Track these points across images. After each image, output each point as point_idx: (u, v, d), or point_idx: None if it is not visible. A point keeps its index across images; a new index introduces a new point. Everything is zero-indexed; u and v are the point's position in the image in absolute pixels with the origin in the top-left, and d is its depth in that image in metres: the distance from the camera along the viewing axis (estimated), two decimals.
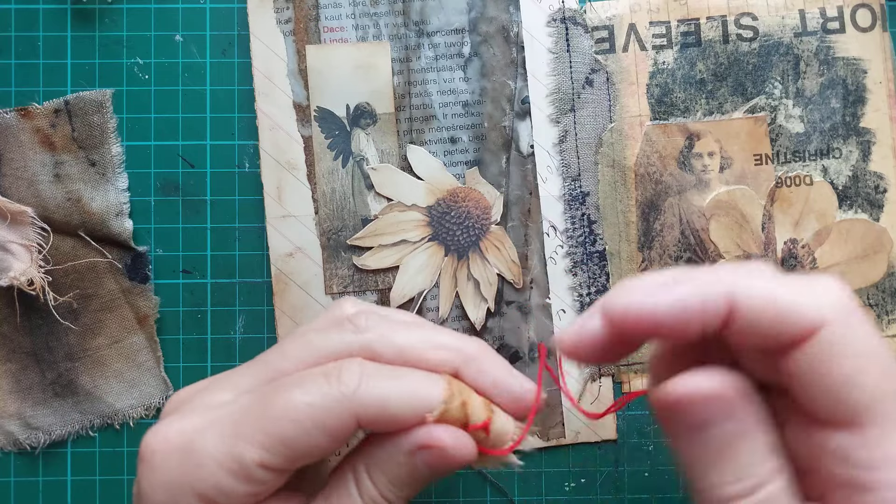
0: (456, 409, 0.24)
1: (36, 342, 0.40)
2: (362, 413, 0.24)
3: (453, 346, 0.26)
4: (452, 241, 0.41)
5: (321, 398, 0.24)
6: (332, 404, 0.23)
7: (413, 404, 0.24)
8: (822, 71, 0.41)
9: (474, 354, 0.26)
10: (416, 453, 0.25)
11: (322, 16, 0.41)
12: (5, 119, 0.40)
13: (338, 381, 0.24)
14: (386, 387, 0.24)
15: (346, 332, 0.26)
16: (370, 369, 0.25)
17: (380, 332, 0.26)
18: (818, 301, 0.21)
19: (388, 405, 0.24)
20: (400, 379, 0.25)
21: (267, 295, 0.41)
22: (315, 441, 0.24)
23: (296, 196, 0.40)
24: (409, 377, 0.25)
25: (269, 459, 0.24)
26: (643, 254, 0.41)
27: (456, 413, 0.24)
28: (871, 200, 0.41)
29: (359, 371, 0.24)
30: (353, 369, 0.24)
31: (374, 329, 0.26)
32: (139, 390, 0.41)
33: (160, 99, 0.41)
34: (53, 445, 0.41)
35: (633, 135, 0.41)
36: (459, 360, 0.26)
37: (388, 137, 0.41)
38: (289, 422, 0.23)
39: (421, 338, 0.26)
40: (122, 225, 0.40)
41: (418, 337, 0.26)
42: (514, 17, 0.41)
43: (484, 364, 0.26)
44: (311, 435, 0.23)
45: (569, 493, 0.41)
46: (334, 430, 0.24)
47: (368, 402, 0.24)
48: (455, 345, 0.26)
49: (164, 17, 0.41)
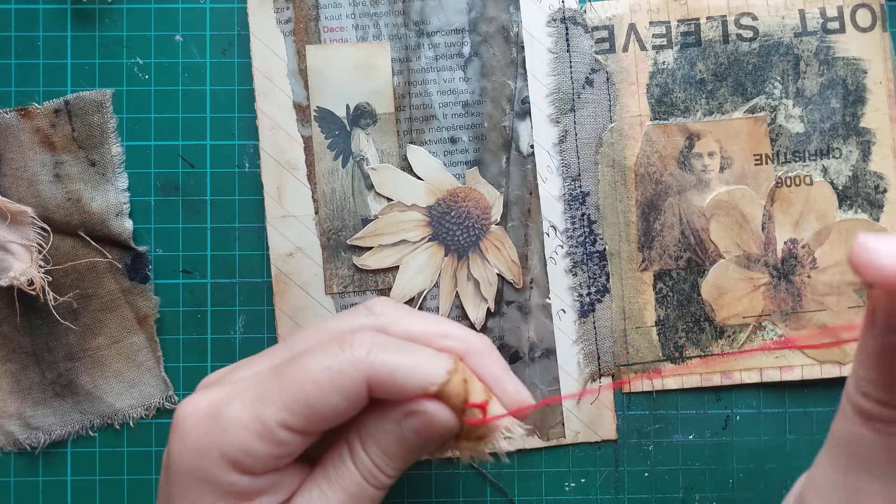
0: (457, 384, 0.26)
1: (36, 342, 0.40)
2: (372, 377, 0.25)
3: (461, 336, 0.28)
4: (452, 241, 0.41)
5: (336, 361, 0.25)
6: (346, 367, 0.25)
7: (419, 374, 0.26)
8: (822, 71, 0.41)
9: (479, 347, 0.28)
10: (403, 421, 0.26)
11: (322, 16, 0.41)
12: (5, 119, 0.40)
13: (351, 347, 0.26)
14: (395, 356, 0.26)
15: (361, 316, 0.29)
16: (382, 340, 0.26)
17: (393, 317, 0.28)
18: None
19: (396, 372, 0.26)
20: (409, 352, 0.26)
21: (267, 295, 0.41)
22: (332, 402, 0.25)
23: (296, 196, 0.40)
24: (417, 352, 0.27)
25: (291, 420, 0.25)
26: (643, 254, 0.41)
27: (457, 388, 0.26)
28: (871, 200, 0.41)
29: (370, 340, 0.26)
30: (366, 338, 0.26)
31: (388, 314, 0.28)
32: (139, 390, 0.41)
33: (160, 99, 0.41)
34: (53, 445, 0.41)
35: (633, 135, 0.41)
36: (464, 350, 0.28)
37: (388, 137, 0.41)
38: (308, 383, 0.25)
39: (431, 325, 0.28)
40: (122, 225, 0.40)
41: (428, 324, 0.28)
42: (514, 17, 0.41)
43: (486, 359, 0.28)
44: (327, 396, 0.25)
45: (569, 493, 0.41)
46: (349, 392, 0.25)
47: (378, 367, 0.25)
48: (463, 336, 0.28)
49: (164, 17, 0.41)
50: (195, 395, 0.27)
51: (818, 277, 0.41)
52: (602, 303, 0.41)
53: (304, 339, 0.29)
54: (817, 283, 0.41)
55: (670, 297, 0.41)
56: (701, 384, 0.41)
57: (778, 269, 0.41)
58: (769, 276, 0.41)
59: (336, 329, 0.28)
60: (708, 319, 0.41)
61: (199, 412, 0.26)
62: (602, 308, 0.41)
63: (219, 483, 0.26)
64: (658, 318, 0.41)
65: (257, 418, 0.25)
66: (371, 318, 0.28)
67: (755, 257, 0.41)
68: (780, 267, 0.41)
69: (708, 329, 0.41)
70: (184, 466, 0.26)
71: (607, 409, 0.41)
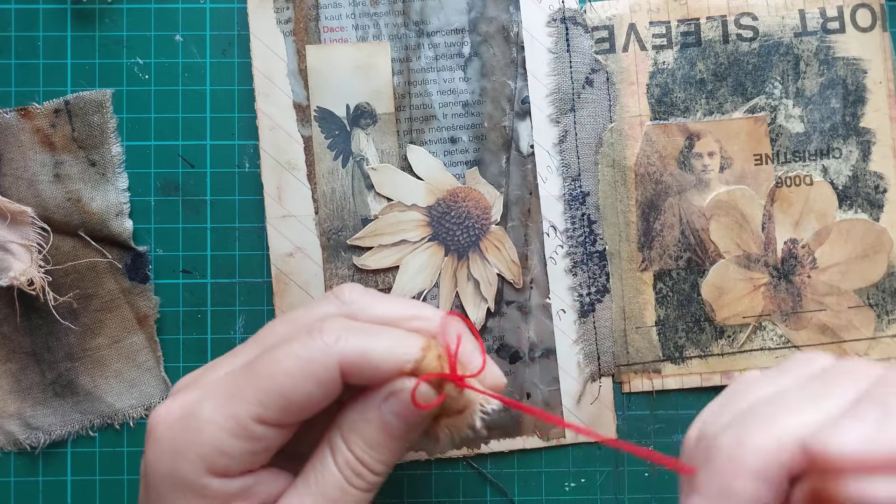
0: (433, 359, 0.26)
1: (36, 342, 0.40)
2: (345, 361, 0.25)
3: (432, 317, 0.28)
4: (452, 241, 0.41)
5: (307, 350, 0.25)
6: (318, 354, 0.25)
7: (393, 354, 0.26)
8: (822, 71, 0.41)
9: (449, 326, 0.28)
10: (384, 405, 0.26)
11: (322, 16, 0.41)
12: (5, 119, 0.40)
13: (320, 334, 0.26)
14: (366, 339, 0.26)
15: (330, 304, 0.28)
16: (351, 325, 0.26)
17: (361, 304, 0.28)
18: None
19: (368, 354, 0.25)
20: (380, 334, 0.26)
21: (267, 295, 0.41)
22: (305, 390, 0.25)
23: (296, 196, 0.40)
24: (388, 333, 0.27)
25: (265, 413, 0.25)
26: (643, 254, 0.41)
27: (433, 363, 0.26)
28: (871, 200, 0.41)
29: (340, 326, 0.26)
30: (334, 324, 0.26)
31: (357, 301, 0.28)
32: (139, 390, 0.41)
33: (160, 99, 0.41)
34: (53, 445, 0.41)
35: (633, 135, 0.41)
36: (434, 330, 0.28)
37: (388, 137, 0.41)
38: (280, 374, 0.25)
39: (401, 308, 0.28)
40: (122, 225, 0.40)
41: (398, 307, 0.28)
42: (514, 17, 0.41)
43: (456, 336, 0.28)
44: (300, 385, 0.25)
45: (569, 493, 0.41)
46: (322, 379, 0.25)
47: (350, 351, 0.25)
48: (434, 316, 0.28)
49: (164, 17, 0.41)
50: (168, 400, 0.27)
51: (818, 277, 0.41)
52: (602, 303, 0.41)
53: (272, 332, 0.28)
54: (817, 283, 0.41)
55: (670, 297, 0.41)
56: (701, 384, 0.41)
57: (778, 269, 0.41)
58: (769, 276, 0.41)
59: (304, 320, 0.28)
60: (708, 319, 0.41)
61: (172, 415, 0.26)
62: (602, 308, 0.41)
63: (194, 487, 0.25)
64: (658, 318, 0.41)
65: (231, 416, 0.25)
66: (340, 305, 0.28)
67: (755, 257, 0.41)
68: (780, 267, 0.41)
69: (708, 329, 0.41)
70: (160, 471, 0.26)
71: (607, 409, 0.41)
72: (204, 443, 0.25)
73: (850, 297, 0.41)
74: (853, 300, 0.41)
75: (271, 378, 0.25)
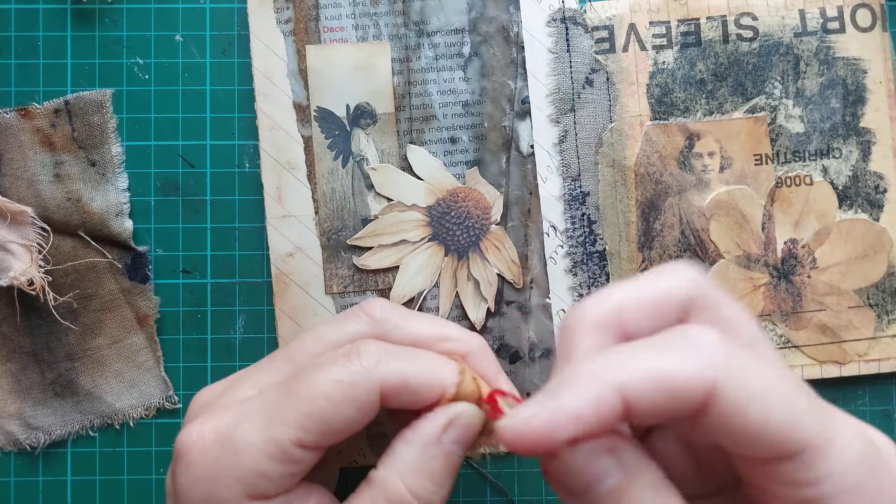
0: (469, 382, 0.26)
1: (36, 342, 0.40)
2: (385, 386, 0.25)
3: (461, 338, 0.28)
4: (452, 241, 0.41)
5: (348, 375, 0.25)
6: (359, 379, 0.25)
7: (431, 379, 0.26)
8: (822, 71, 0.41)
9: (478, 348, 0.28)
10: (443, 437, 0.26)
11: (322, 16, 0.41)
12: (5, 119, 0.40)
13: (358, 358, 0.25)
14: (404, 364, 0.26)
15: (361, 322, 0.28)
16: (388, 348, 0.26)
17: (394, 323, 0.28)
18: (701, 365, 0.21)
19: (408, 380, 0.25)
20: (417, 357, 0.26)
21: (267, 295, 0.41)
22: (346, 415, 0.25)
23: (296, 196, 0.40)
24: (424, 357, 0.27)
25: (305, 437, 0.25)
26: (643, 254, 0.41)
27: (470, 386, 0.26)
28: (871, 200, 0.41)
29: (376, 349, 0.26)
30: (371, 348, 0.26)
31: (388, 320, 0.28)
32: (139, 390, 0.41)
33: (160, 99, 0.41)
34: (53, 445, 0.41)
35: (633, 135, 0.41)
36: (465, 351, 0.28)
37: (388, 137, 0.41)
38: (320, 399, 0.25)
39: (432, 328, 0.28)
40: (122, 225, 0.40)
41: (429, 327, 0.28)
42: (514, 17, 0.41)
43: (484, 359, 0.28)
44: (341, 410, 0.25)
45: None
46: (363, 404, 0.25)
47: (389, 375, 0.25)
48: (463, 337, 0.28)
49: (164, 17, 0.41)
50: (197, 423, 0.26)
51: (818, 277, 0.41)
52: None
53: (302, 349, 0.28)
54: (817, 283, 0.41)
55: None
56: None
57: (778, 269, 0.41)
58: (769, 276, 0.41)
59: (336, 338, 0.28)
60: None
61: (206, 439, 0.26)
62: None
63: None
64: None
65: (270, 439, 0.25)
66: (370, 323, 0.28)
67: (755, 257, 0.41)
68: (780, 267, 0.41)
69: None
70: (195, 496, 0.25)
71: None
72: (243, 467, 0.25)
73: (850, 297, 0.41)
74: (853, 300, 0.41)
75: (311, 402, 0.25)
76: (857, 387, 0.41)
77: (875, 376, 0.41)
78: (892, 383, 0.41)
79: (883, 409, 0.41)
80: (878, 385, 0.41)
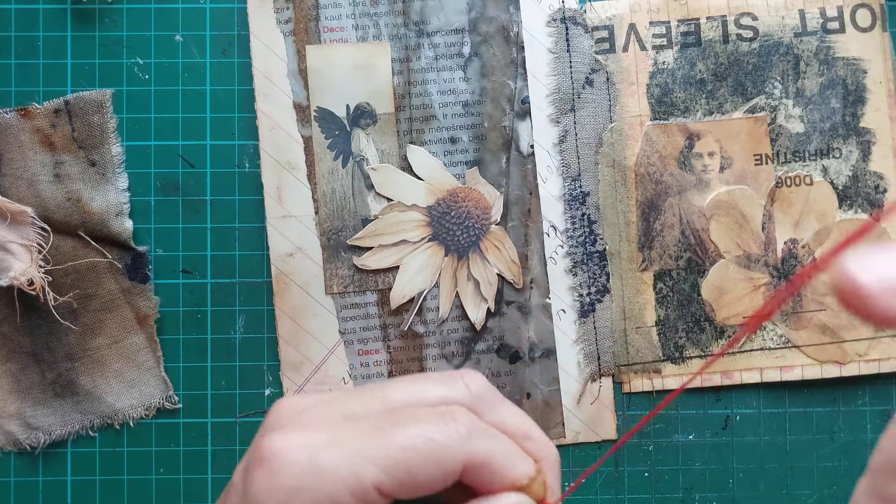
0: (539, 485, 0.27)
1: (36, 342, 0.40)
2: (470, 460, 0.26)
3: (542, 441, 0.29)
4: (452, 241, 0.41)
5: (441, 436, 0.25)
6: (450, 443, 0.25)
7: (511, 468, 0.26)
8: (822, 71, 0.41)
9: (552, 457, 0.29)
10: None
11: (322, 16, 0.41)
12: (5, 119, 0.40)
13: (454, 424, 0.26)
14: (491, 444, 0.26)
15: (458, 389, 0.28)
16: (480, 425, 0.27)
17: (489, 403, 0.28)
18: None
19: (492, 462, 0.26)
20: (502, 443, 0.27)
21: (267, 295, 0.41)
22: (429, 474, 0.25)
23: (296, 196, 0.40)
24: (509, 444, 0.27)
25: (386, 483, 0.25)
26: (643, 254, 0.41)
27: (538, 489, 0.27)
28: (871, 200, 0.41)
29: (471, 422, 0.26)
30: (467, 419, 0.26)
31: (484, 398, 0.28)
32: (139, 390, 0.41)
33: (160, 99, 0.41)
34: (53, 445, 0.41)
35: (633, 135, 0.41)
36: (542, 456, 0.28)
37: (388, 137, 0.41)
38: (410, 450, 0.25)
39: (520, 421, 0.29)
40: (122, 225, 0.40)
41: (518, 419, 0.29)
42: (514, 17, 0.41)
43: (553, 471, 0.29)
44: (426, 467, 0.25)
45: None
46: (447, 468, 0.25)
47: (477, 452, 0.26)
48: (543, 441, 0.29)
49: (164, 17, 0.41)
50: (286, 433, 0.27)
51: (818, 277, 0.41)
52: (602, 303, 0.41)
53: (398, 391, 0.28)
54: (817, 283, 0.41)
55: (670, 297, 0.41)
56: (701, 384, 0.41)
57: (778, 269, 0.41)
58: (769, 276, 0.41)
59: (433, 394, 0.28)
60: (708, 319, 0.41)
61: (292, 452, 0.26)
62: (602, 308, 0.41)
63: None
64: (658, 319, 0.41)
65: (354, 474, 0.25)
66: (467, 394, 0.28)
67: (755, 257, 0.41)
68: (780, 267, 0.41)
69: (708, 329, 0.41)
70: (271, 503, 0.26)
71: (607, 409, 0.41)
72: (322, 491, 0.25)
73: None
74: None
75: (403, 450, 0.25)
76: (857, 387, 0.41)
77: (875, 376, 0.41)
78: (892, 383, 0.41)
79: (883, 409, 0.41)
80: (878, 385, 0.41)
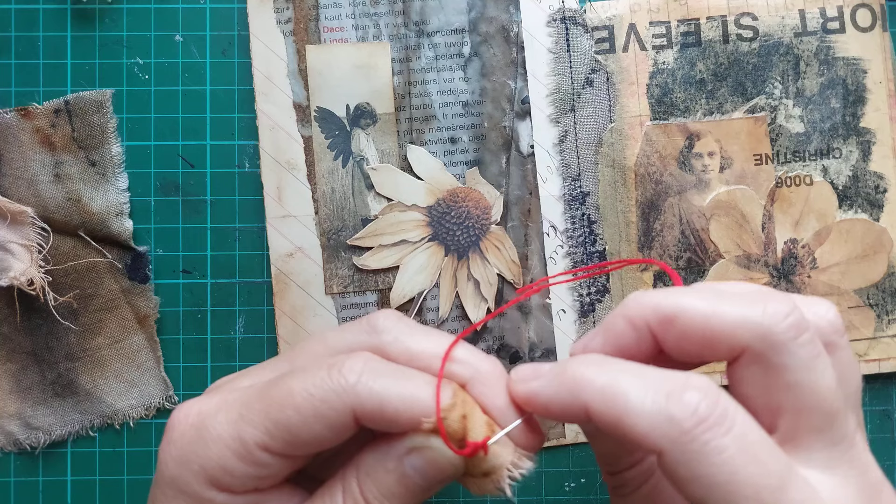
0: (455, 421, 0.24)
1: (36, 342, 0.40)
2: (359, 407, 0.24)
3: (467, 360, 0.26)
4: (452, 241, 0.41)
5: (320, 389, 0.24)
6: (330, 395, 0.24)
7: (411, 407, 0.24)
8: (822, 71, 0.41)
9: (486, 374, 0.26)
10: (405, 458, 0.24)
11: (322, 16, 0.41)
12: (5, 119, 0.40)
13: (339, 374, 0.24)
14: (387, 384, 0.24)
15: (362, 332, 0.26)
16: (374, 366, 0.24)
17: (395, 335, 0.26)
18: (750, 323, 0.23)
19: (385, 404, 0.24)
20: (403, 379, 0.24)
21: (267, 295, 0.41)
22: (314, 430, 0.24)
23: (296, 196, 0.40)
24: (413, 379, 0.24)
25: (270, 443, 0.24)
26: (643, 254, 0.41)
27: (454, 425, 0.24)
28: (871, 200, 0.41)
29: (361, 366, 0.24)
30: (356, 364, 0.24)
31: (391, 331, 0.26)
32: (139, 390, 0.41)
33: (160, 99, 0.41)
34: (53, 445, 0.41)
35: (633, 135, 0.41)
36: (469, 376, 0.25)
37: (388, 137, 0.41)
38: (289, 408, 0.24)
39: (436, 346, 0.26)
40: (122, 225, 0.40)
41: (432, 343, 0.26)
42: (514, 17, 0.41)
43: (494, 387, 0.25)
44: (309, 423, 0.24)
45: (569, 493, 0.41)
46: (332, 421, 0.24)
47: (366, 397, 0.24)
48: (469, 360, 0.26)
49: (164, 17, 0.41)
50: (190, 402, 0.26)
51: (818, 277, 0.41)
52: (602, 303, 0.41)
53: (304, 352, 0.27)
54: (817, 283, 0.41)
55: None
56: None
57: (778, 269, 0.41)
58: (769, 276, 0.41)
59: (336, 345, 0.27)
60: None
61: (188, 420, 0.25)
62: (602, 308, 0.41)
63: (196, 496, 0.25)
64: None
65: (238, 437, 0.24)
66: (371, 334, 0.26)
67: (755, 257, 0.41)
68: (780, 267, 0.41)
69: None
70: (167, 474, 0.25)
71: None
72: (209, 458, 0.24)
73: (850, 297, 0.41)
74: (853, 300, 0.41)
75: (281, 410, 0.24)
76: None
77: (875, 376, 0.41)
78: (892, 383, 0.41)
79: (883, 409, 0.41)
80: (878, 385, 0.41)
